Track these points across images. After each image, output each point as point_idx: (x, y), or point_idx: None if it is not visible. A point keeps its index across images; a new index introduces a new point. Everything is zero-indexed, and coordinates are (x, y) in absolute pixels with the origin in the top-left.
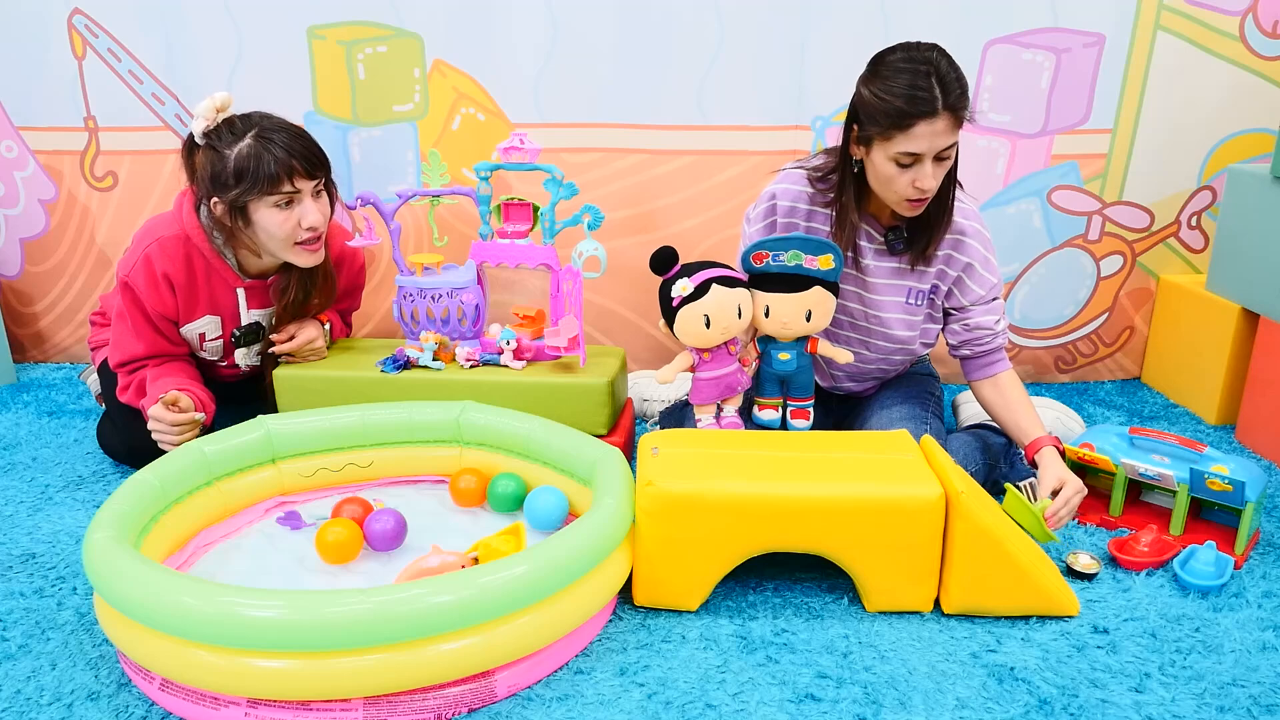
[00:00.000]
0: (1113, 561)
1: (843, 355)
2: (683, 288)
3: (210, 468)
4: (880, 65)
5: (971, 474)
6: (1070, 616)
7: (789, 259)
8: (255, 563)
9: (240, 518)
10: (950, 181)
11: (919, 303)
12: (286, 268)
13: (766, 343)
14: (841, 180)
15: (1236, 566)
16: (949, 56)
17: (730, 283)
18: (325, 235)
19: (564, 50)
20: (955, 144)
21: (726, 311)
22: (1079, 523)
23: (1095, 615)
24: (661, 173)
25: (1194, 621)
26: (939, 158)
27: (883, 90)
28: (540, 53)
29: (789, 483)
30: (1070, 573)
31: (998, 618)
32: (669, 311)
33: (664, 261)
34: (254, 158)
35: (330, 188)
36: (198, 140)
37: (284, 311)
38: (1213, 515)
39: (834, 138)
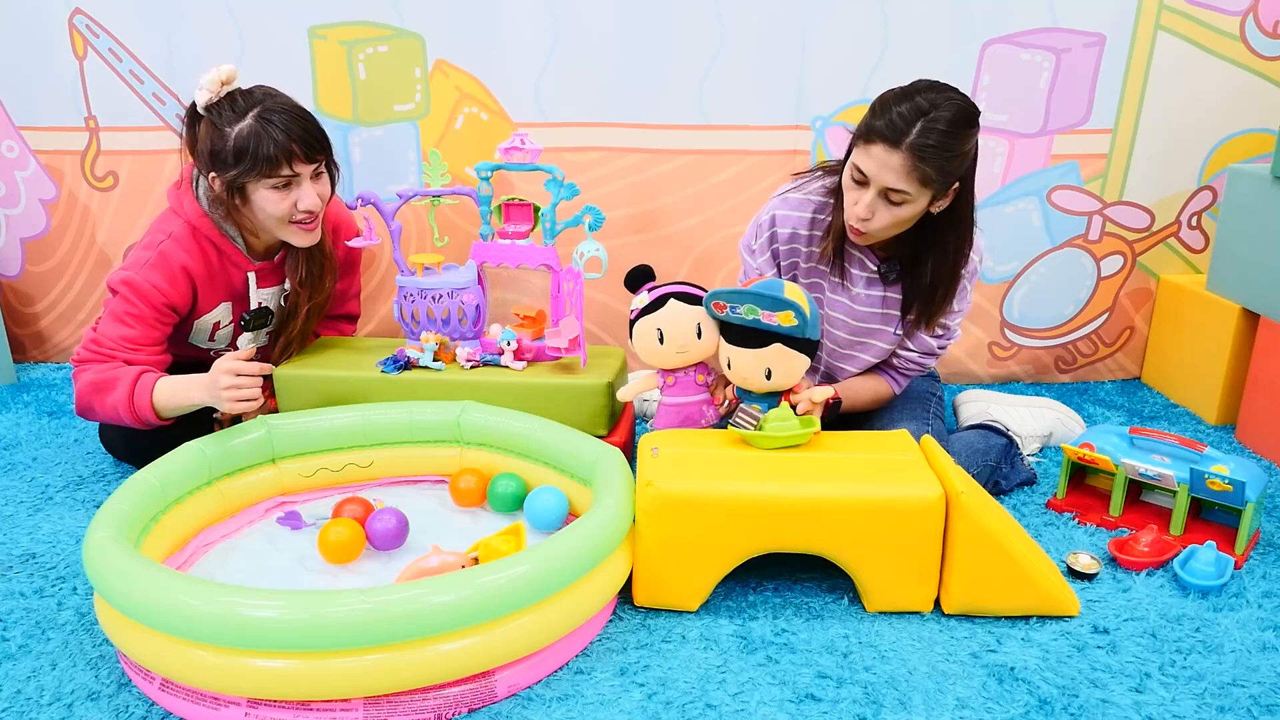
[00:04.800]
0: (1113, 561)
1: (822, 393)
2: (640, 300)
3: (210, 468)
4: (903, 86)
5: (973, 475)
6: (1070, 616)
7: (745, 312)
8: (255, 563)
9: (240, 518)
10: (948, 263)
11: (901, 332)
12: (293, 246)
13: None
14: (840, 185)
15: (1236, 566)
16: (963, 124)
17: (694, 300)
18: (323, 215)
19: (565, 50)
20: (909, 195)
21: (682, 328)
22: (1079, 523)
23: (1095, 615)
24: (662, 172)
25: (1194, 621)
26: (889, 198)
27: (881, 103)
28: (542, 52)
29: (789, 483)
30: (1070, 573)
31: (998, 618)
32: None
33: (637, 279)
34: (254, 138)
35: (331, 168)
36: (200, 111)
37: (300, 288)
38: (1213, 515)
39: (834, 138)
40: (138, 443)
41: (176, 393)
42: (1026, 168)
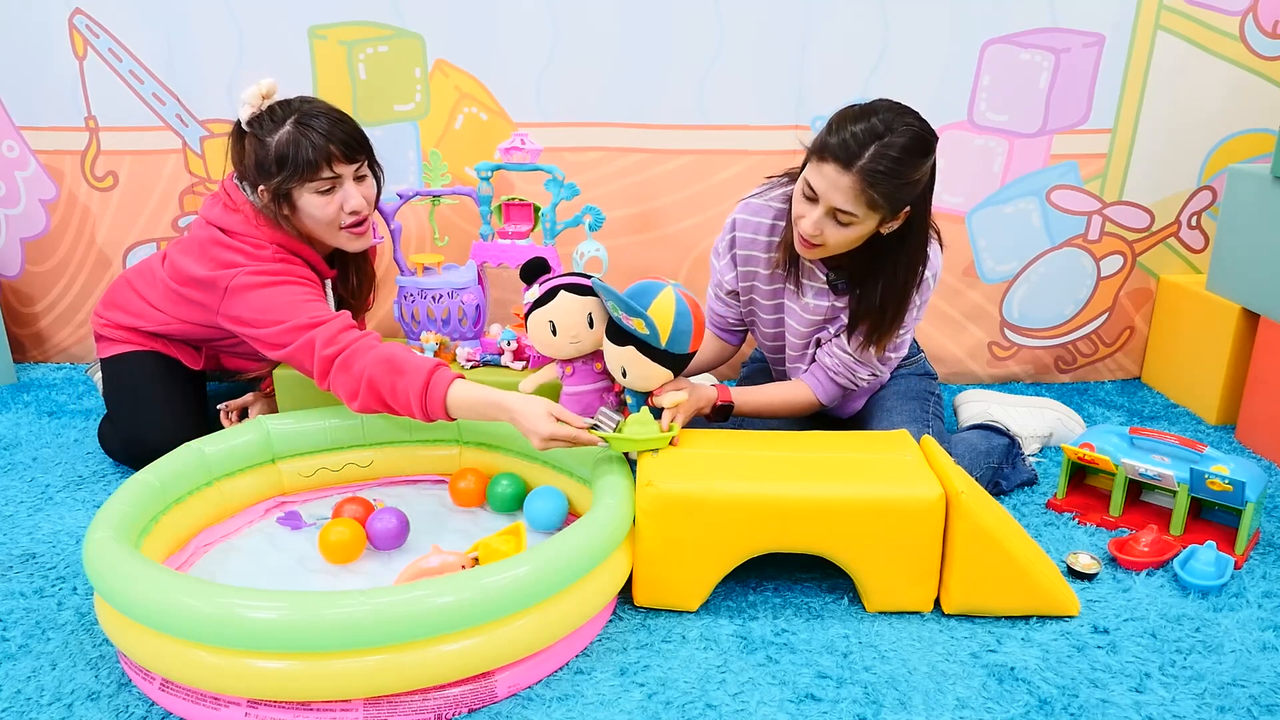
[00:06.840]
0: (1113, 561)
1: (673, 399)
2: (531, 294)
3: (210, 468)
4: (863, 104)
5: (975, 476)
6: (1070, 616)
7: (611, 309)
8: (255, 563)
9: (240, 518)
10: (898, 285)
11: (835, 331)
12: (339, 256)
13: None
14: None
15: (1236, 566)
16: (917, 151)
17: (585, 291)
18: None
19: (565, 50)
20: (855, 217)
21: (573, 319)
22: (1079, 523)
23: (1095, 615)
24: (662, 172)
25: (1194, 621)
26: (836, 218)
27: (839, 120)
28: (542, 52)
29: (789, 483)
30: (1070, 573)
31: (998, 618)
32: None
33: (532, 272)
34: (293, 144)
35: (374, 169)
36: (244, 127)
37: (352, 299)
38: (1213, 515)
39: None
40: (137, 444)
41: (481, 403)
42: (1026, 167)
